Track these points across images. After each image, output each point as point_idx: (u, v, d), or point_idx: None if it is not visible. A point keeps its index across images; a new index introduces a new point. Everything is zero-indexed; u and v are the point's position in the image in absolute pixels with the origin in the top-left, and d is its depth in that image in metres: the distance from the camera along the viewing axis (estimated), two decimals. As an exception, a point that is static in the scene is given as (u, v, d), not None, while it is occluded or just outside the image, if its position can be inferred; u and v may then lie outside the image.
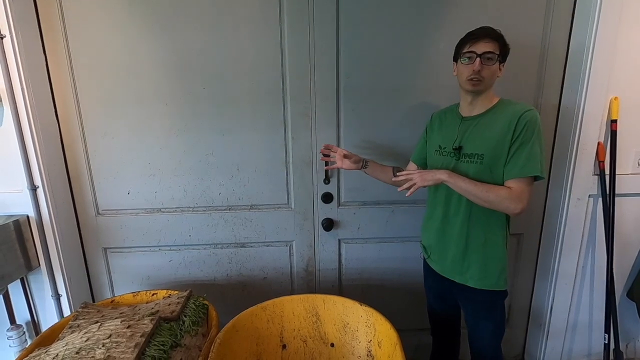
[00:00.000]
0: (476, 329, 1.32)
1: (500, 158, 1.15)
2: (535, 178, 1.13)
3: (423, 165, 1.42)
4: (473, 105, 1.21)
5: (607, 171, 1.51)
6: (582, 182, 1.54)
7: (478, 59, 1.12)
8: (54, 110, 1.49)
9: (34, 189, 1.43)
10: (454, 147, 1.23)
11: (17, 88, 1.35)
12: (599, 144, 1.50)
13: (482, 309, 1.29)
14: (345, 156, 1.42)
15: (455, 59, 1.22)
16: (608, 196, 1.52)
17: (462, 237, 1.24)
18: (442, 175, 1.19)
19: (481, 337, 1.32)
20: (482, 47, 1.12)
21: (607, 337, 1.57)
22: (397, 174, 1.31)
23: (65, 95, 1.49)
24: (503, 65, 1.17)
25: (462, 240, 1.25)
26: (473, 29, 1.16)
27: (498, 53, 1.12)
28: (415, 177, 1.22)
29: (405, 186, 1.24)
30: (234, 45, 1.47)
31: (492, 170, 1.17)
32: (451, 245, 1.28)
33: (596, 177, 1.54)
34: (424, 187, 1.22)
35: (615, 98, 1.46)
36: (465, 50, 1.15)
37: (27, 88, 1.36)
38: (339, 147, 1.53)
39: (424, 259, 1.43)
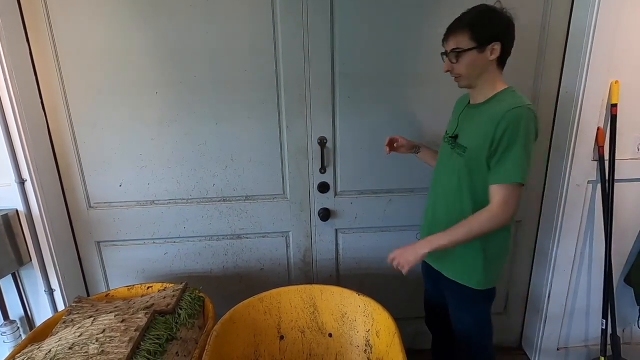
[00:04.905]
0: (456, 320, 1.29)
1: (480, 158, 1.08)
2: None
3: None
4: (473, 96, 1.18)
5: (606, 156, 1.49)
6: (581, 168, 1.52)
7: (447, 58, 1.10)
8: (39, 100, 1.44)
9: (22, 182, 1.39)
10: (451, 135, 1.21)
11: (-1, 77, 1.30)
12: (598, 128, 1.48)
13: (460, 301, 1.25)
14: (399, 141, 1.39)
15: None
16: (607, 182, 1.50)
17: (442, 223, 1.19)
18: (423, 250, 1.13)
19: (462, 329, 1.28)
20: (448, 45, 1.10)
21: (604, 322, 1.58)
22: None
23: (51, 85, 1.43)
24: (488, 46, 1.04)
25: (442, 227, 1.18)
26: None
27: (470, 46, 1.04)
28: (399, 259, 1.15)
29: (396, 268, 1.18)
30: (226, 31, 1.42)
31: (470, 169, 1.11)
32: (433, 230, 1.23)
33: (595, 162, 1.52)
34: (418, 262, 1.14)
35: (616, 82, 1.43)
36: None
37: (10, 77, 1.30)
38: (334, 132, 1.52)
39: None
